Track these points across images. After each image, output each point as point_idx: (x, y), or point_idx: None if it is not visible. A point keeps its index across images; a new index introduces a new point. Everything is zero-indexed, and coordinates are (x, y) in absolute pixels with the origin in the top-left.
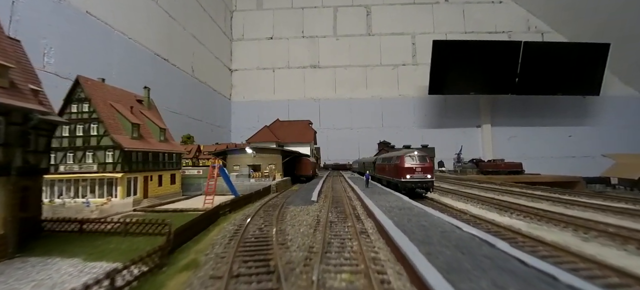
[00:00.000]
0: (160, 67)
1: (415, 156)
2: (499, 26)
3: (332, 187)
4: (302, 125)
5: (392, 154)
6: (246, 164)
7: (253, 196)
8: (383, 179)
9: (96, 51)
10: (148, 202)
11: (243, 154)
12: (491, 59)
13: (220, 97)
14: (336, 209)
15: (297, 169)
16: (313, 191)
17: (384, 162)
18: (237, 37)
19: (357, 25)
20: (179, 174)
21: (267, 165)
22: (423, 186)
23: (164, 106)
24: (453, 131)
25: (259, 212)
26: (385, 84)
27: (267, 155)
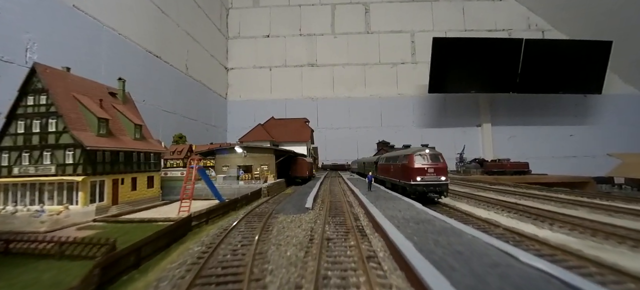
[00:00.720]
0: (153, 65)
1: (426, 155)
2: (499, 24)
3: (330, 190)
4: (298, 123)
5: (398, 152)
6: (236, 165)
7: (239, 201)
8: (387, 181)
9: (84, 47)
10: (117, 209)
11: (232, 154)
12: (492, 56)
13: (216, 96)
14: (334, 218)
15: (292, 170)
16: (308, 195)
17: (387, 162)
18: (233, 35)
19: (356, 23)
20: (158, 176)
21: (259, 165)
22: (436, 190)
23: (156, 105)
24: (453, 131)
25: (241, 224)
26: (384, 82)
27: (259, 154)
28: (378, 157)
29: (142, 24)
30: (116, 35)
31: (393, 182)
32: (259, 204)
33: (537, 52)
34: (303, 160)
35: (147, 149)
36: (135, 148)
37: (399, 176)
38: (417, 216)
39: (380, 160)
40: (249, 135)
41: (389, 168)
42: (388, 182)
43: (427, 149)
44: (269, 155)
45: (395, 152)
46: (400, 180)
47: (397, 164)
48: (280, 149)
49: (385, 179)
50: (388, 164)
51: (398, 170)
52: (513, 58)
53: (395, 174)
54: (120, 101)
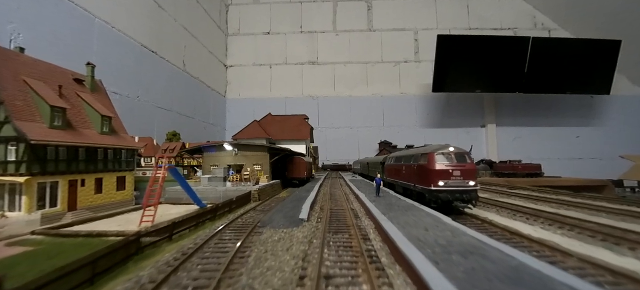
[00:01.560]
0: (148, 60)
1: (450, 154)
2: (504, 22)
3: (330, 194)
4: (296, 120)
5: (412, 151)
6: (226, 164)
7: (220, 209)
8: (396, 184)
9: (73, 40)
10: (73, 217)
11: (222, 152)
12: (498, 55)
13: (214, 93)
14: (336, 236)
15: (288, 170)
16: (305, 200)
17: (397, 163)
18: (232, 32)
19: (358, 20)
20: (132, 177)
21: (252, 165)
22: (464, 198)
23: (150, 101)
24: (456, 131)
25: (211, 242)
26: (386, 81)
27: (251, 153)
28: (385, 157)
29: (137, 18)
30: (109, 28)
31: (405, 186)
32: (245, 211)
33: (544, 51)
34: (301, 159)
35: (116, 145)
36: (100, 143)
37: (414, 179)
38: (454, 239)
39: (388, 161)
40: (243, 132)
41: (399, 170)
42: (398, 186)
43: (451, 146)
44: (262, 153)
45: (407, 151)
46: (415, 184)
47: (410, 164)
48: (275, 147)
49: (394, 182)
50: (398, 164)
51: (412, 173)
52: (520, 56)
53: (408, 177)
54: (87, 89)
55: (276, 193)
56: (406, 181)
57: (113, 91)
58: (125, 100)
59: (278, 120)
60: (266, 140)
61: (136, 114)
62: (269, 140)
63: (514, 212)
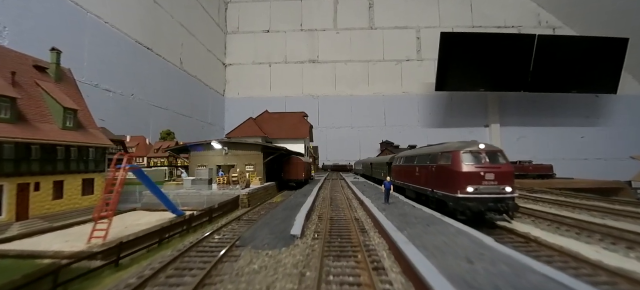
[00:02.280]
0: (143, 57)
1: (481, 153)
2: (508, 20)
3: (330, 199)
4: (295, 117)
5: (427, 149)
6: (215, 164)
7: (196, 219)
8: (407, 188)
9: (63, 34)
10: (21, 228)
11: (210, 151)
12: (503, 53)
13: (213, 92)
14: (339, 262)
15: (284, 171)
16: (301, 208)
17: (408, 164)
18: (231, 30)
19: (359, 18)
20: (102, 179)
21: (243, 165)
22: (499, 207)
23: (145, 100)
24: (459, 131)
25: (162, 273)
26: (388, 80)
27: (243, 152)
28: (392, 157)
29: (131, 13)
30: (101, 23)
31: (419, 191)
32: (227, 221)
33: (550, 49)
34: (298, 159)
35: (82, 142)
36: (61, 140)
37: (432, 183)
38: (521, 282)
39: (396, 161)
40: (238, 130)
41: (410, 171)
42: (410, 190)
43: (479, 142)
44: (255, 152)
45: (422, 149)
46: (434, 189)
47: (427, 166)
48: (269, 146)
49: (404, 185)
50: (409, 165)
51: (430, 175)
52: (525, 55)
53: (423, 180)
54: (51, 78)
55: (270, 197)
56: (421, 185)
57: (106, 88)
58: (119, 98)
59: (275, 117)
60: (262, 139)
61: (131, 112)
62: (265, 139)
63: (554, 224)
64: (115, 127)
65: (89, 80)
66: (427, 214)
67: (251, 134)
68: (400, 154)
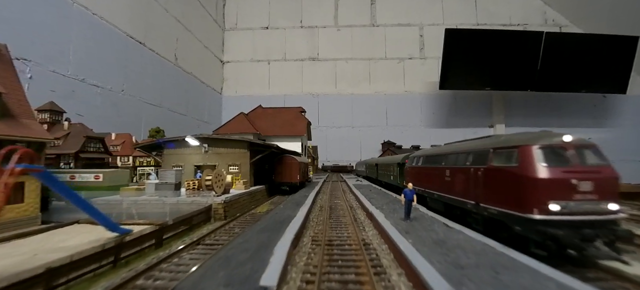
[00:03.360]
0: (134, 52)
1: (568, 149)
2: (514, 18)
3: (329, 208)
4: (291, 113)
5: (466, 145)
6: (193, 164)
7: (134, 244)
8: (430, 197)
9: (46, 26)
10: None
11: (187, 149)
12: (509, 51)
13: (210, 90)
14: None
15: (276, 173)
16: (288, 226)
17: (432, 165)
18: (229, 27)
19: (360, 14)
20: (36, 184)
21: (227, 165)
22: (599, 234)
23: (137, 96)
24: (463, 131)
25: None
26: (390, 79)
27: (226, 150)
28: (405, 156)
29: (122, 5)
30: (89, 14)
31: (452, 203)
32: (183, 245)
33: (558, 47)
34: (292, 159)
35: (5, 135)
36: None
37: (478, 194)
38: None
39: (412, 161)
40: (227, 127)
41: (436, 175)
42: (436, 201)
43: (565, 135)
44: (241, 150)
45: (454, 145)
46: (482, 203)
47: (467, 168)
48: (257, 143)
49: (425, 193)
50: (434, 167)
51: (473, 182)
52: (532, 53)
53: (460, 188)
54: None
55: (255, 205)
56: (456, 195)
57: (93, 83)
58: (108, 93)
59: (270, 113)
60: (254, 136)
61: (121, 109)
62: (257, 137)
63: None
64: (103, 124)
65: (74, 75)
66: (479, 243)
67: (242, 130)
68: (417, 153)
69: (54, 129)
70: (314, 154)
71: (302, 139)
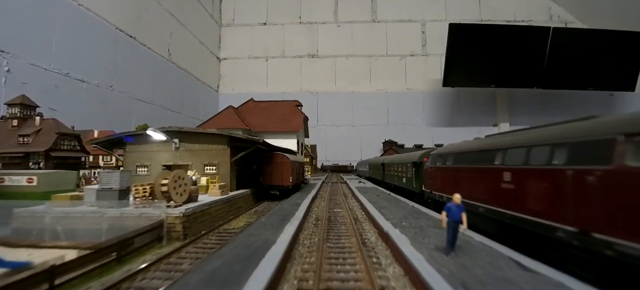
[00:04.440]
0: (124, 46)
1: None
2: (518, 14)
3: (327, 223)
4: (286, 107)
5: (560, 130)
6: (161, 164)
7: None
8: (471, 210)
9: (27, 16)
10: None
11: (154, 145)
12: (515, 47)
13: (206, 87)
14: None
15: (264, 175)
16: (260, 262)
17: (475, 165)
18: (226, 22)
19: (361, 10)
20: None
21: (202, 165)
22: None
23: (127, 92)
24: (467, 130)
25: None
26: (391, 76)
27: (201, 146)
28: (423, 154)
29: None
30: (75, 5)
31: (512, 222)
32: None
33: (565, 43)
34: (283, 157)
35: None
36: None
37: (578, 217)
38: None
39: (436, 160)
40: (213, 121)
41: (484, 180)
42: (480, 215)
43: None
44: (219, 147)
45: (516, 134)
46: (593, 232)
47: (558, 170)
48: (239, 138)
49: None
50: (476, 168)
51: (569, 195)
52: (539, 49)
53: (533, 204)
54: None
55: (235, 214)
56: (531, 215)
57: (78, 78)
58: (95, 89)
59: (262, 107)
60: (243, 132)
61: (109, 105)
62: (248, 133)
63: None
64: (89, 122)
65: (57, 69)
66: None
67: (231, 126)
68: (444, 149)
69: (25, 124)
70: (313, 153)
71: (299, 136)
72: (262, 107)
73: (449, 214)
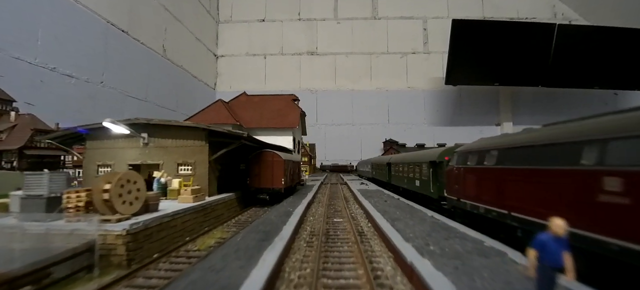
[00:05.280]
0: (116, 41)
1: None
2: (521, 12)
3: (323, 240)
4: (281, 101)
5: None
6: (126, 163)
7: None
8: (522, 227)
9: (11, 8)
10: None
11: (119, 141)
12: (519, 44)
13: (202, 85)
14: None
15: (252, 176)
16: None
17: (552, 166)
18: (224, 19)
19: (361, 7)
20: None
21: (176, 164)
22: None
23: (119, 89)
24: (469, 130)
25: None
26: (392, 74)
27: (174, 142)
28: (443, 152)
29: None
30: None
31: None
32: None
33: (571, 40)
34: (274, 156)
35: None
36: None
37: None
38: None
39: (464, 158)
40: (200, 116)
41: (559, 189)
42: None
43: None
44: (196, 143)
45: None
46: None
47: None
48: (220, 131)
49: (500, 218)
50: (539, 171)
51: None
52: (544, 46)
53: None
54: None
55: (211, 226)
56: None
57: (66, 73)
58: (84, 85)
59: (255, 101)
60: (233, 127)
61: (99, 102)
62: (239, 129)
63: None
64: (78, 119)
65: (44, 63)
66: None
67: (219, 121)
68: (477, 145)
69: None
70: (312, 152)
71: (295, 133)
72: (255, 101)
73: (542, 253)
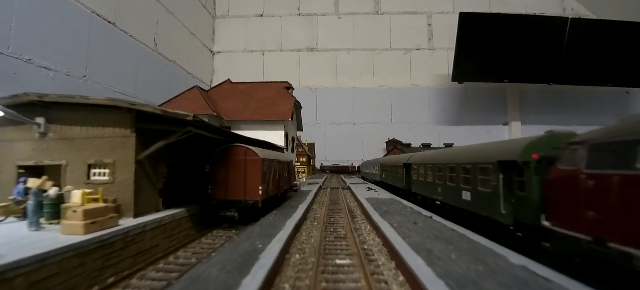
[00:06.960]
0: (102, 33)
1: None
2: (530, 7)
3: None
4: (271, 90)
5: None
6: (15, 164)
7: None
8: None
9: None
10: None
11: (4, 131)
12: (530, 39)
13: (198, 82)
14: None
15: (214, 184)
16: None
17: None
18: (221, 14)
19: (364, 1)
20: None
21: (86, 166)
22: None
23: (104, 85)
24: (475, 130)
25: None
26: (395, 71)
27: (85, 130)
28: (527, 147)
29: None
30: None
31: None
32: None
33: (584, 35)
34: (249, 153)
35: None
36: None
37: None
38: None
39: (597, 159)
40: (171, 104)
41: None
42: None
43: None
44: (115, 131)
45: None
46: None
47: None
48: (154, 114)
49: None
50: None
51: None
52: (556, 41)
53: None
54: None
55: (118, 272)
56: None
57: (43, 66)
58: (64, 79)
59: (241, 90)
60: (210, 120)
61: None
62: (219, 122)
63: None
64: None
65: (17, 53)
66: None
67: (194, 111)
68: (618, 130)
69: None
70: (311, 153)
71: (288, 127)
72: (240, 89)
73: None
